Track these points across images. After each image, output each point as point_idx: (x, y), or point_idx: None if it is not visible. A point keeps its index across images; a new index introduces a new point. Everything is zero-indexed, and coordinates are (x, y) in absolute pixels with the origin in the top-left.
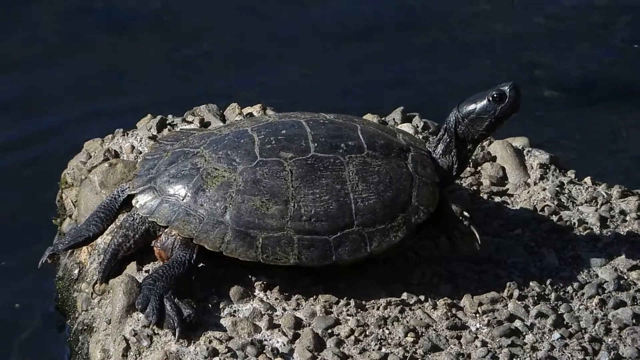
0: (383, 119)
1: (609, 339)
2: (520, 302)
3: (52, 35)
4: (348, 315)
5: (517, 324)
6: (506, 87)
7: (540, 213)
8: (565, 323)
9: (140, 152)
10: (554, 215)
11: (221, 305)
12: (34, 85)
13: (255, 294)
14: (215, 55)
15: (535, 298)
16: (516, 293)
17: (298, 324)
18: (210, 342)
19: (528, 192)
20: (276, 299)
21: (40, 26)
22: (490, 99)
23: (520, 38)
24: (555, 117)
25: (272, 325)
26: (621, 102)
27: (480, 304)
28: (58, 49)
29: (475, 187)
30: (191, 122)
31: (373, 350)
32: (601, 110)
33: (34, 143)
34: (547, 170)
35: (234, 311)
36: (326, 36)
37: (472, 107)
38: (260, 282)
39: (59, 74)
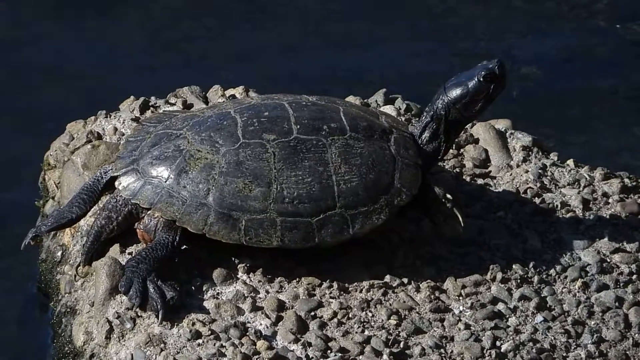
0: (365, 101)
1: (592, 322)
2: (503, 285)
3: (35, 14)
4: (331, 297)
5: (500, 306)
6: (494, 66)
7: (523, 195)
8: (548, 306)
9: (123, 134)
10: (536, 198)
11: (204, 288)
12: (17, 67)
13: (239, 276)
14: (198, 37)
15: (518, 281)
16: (499, 276)
17: (281, 306)
18: (193, 324)
19: (511, 174)
20: (259, 281)
21: (20, 6)
22: (482, 79)
23: (499, 20)
24: (535, 99)
25: (255, 308)
26: (602, 83)
27: (464, 287)
28: (41, 29)
29: (458, 169)
30: (174, 104)
31: (356, 332)
32: (581, 91)
33: (17, 124)
34: (530, 152)
35: (217, 293)
36: (308, 18)
37: (463, 91)
38: (243, 265)
39: (41, 56)
